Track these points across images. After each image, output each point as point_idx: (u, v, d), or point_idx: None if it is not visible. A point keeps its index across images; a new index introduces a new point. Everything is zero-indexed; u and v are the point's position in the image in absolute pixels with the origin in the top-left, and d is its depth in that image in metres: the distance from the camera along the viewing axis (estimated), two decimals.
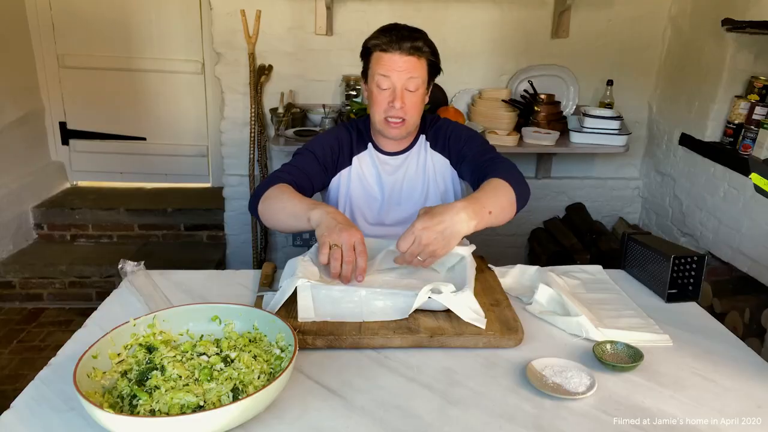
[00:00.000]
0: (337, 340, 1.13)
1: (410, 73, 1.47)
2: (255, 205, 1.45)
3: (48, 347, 2.71)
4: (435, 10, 2.92)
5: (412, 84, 1.48)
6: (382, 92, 1.49)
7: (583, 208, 3.24)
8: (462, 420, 0.95)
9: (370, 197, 1.65)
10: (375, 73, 1.49)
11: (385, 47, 1.46)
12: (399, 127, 1.53)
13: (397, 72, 1.46)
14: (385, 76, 1.47)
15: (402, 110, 1.49)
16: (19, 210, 3.24)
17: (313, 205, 1.32)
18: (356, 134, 1.65)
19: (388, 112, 1.50)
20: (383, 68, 1.47)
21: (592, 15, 2.97)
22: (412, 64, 1.46)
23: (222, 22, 2.87)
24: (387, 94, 1.49)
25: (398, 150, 1.64)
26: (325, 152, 1.59)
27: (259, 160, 2.99)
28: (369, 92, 1.54)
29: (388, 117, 1.51)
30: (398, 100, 1.47)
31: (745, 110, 2.46)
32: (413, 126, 1.57)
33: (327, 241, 1.22)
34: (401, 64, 1.46)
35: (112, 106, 3.61)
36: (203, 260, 3.24)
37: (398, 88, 1.47)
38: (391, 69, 1.46)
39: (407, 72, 1.46)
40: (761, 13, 2.32)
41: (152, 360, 0.98)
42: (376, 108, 1.52)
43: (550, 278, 1.37)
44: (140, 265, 1.40)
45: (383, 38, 1.46)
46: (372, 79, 1.51)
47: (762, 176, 1.20)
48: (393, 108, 1.48)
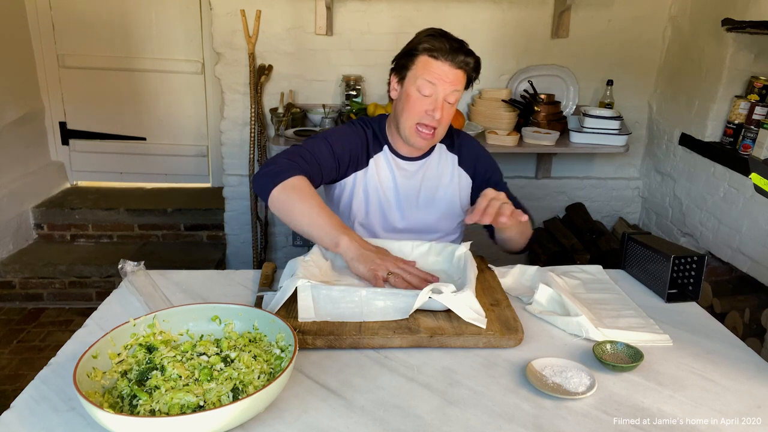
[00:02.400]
0: (337, 340, 1.13)
1: (455, 86, 1.44)
2: (268, 187, 1.37)
3: (48, 347, 2.71)
4: (435, 10, 2.92)
5: (453, 97, 1.45)
6: (422, 98, 1.44)
7: (583, 208, 3.24)
8: (462, 420, 0.95)
9: (385, 201, 1.60)
10: (419, 77, 1.43)
11: (437, 55, 1.41)
12: (429, 139, 1.49)
13: (444, 83, 1.42)
14: (431, 83, 1.42)
15: (437, 120, 1.45)
16: (19, 210, 3.24)
17: (341, 229, 1.34)
18: (372, 133, 1.59)
19: (423, 119, 1.46)
20: (431, 75, 1.42)
21: (592, 15, 2.97)
22: (459, 78, 1.44)
23: (222, 22, 2.87)
24: (427, 102, 1.44)
25: (416, 156, 1.59)
26: (343, 149, 1.52)
27: (259, 160, 2.99)
28: (405, 94, 1.47)
29: (421, 124, 1.46)
30: (438, 110, 1.43)
31: (745, 110, 2.46)
32: (440, 138, 1.54)
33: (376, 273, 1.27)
34: (450, 76, 1.42)
35: (112, 106, 3.61)
36: (203, 260, 3.24)
37: (440, 99, 1.44)
38: (439, 78, 1.42)
39: (453, 85, 1.43)
40: (761, 13, 2.32)
41: (152, 360, 0.98)
42: (409, 112, 1.47)
43: (550, 278, 1.37)
44: (140, 265, 1.40)
45: (436, 44, 1.41)
46: (412, 81, 1.45)
47: (762, 176, 1.20)
48: (431, 117, 1.44)
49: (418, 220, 1.61)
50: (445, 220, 1.63)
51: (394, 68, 1.52)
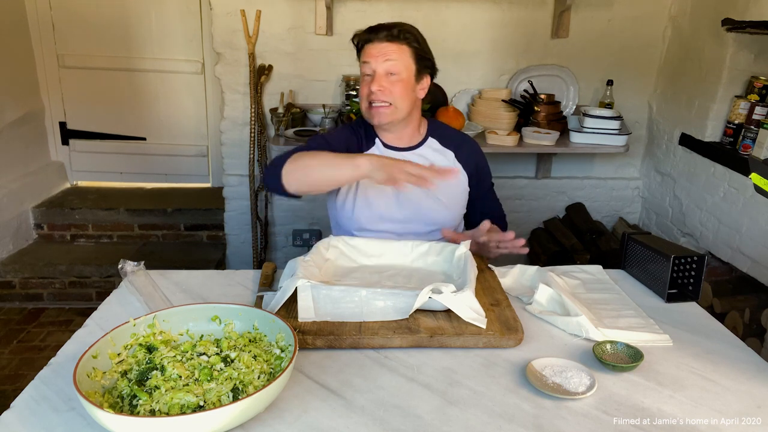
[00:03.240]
0: (337, 340, 1.13)
1: (387, 56, 1.52)
2: (278, 168, 1.41)
3: (48, 347, 2.71)
4: (435, 9, 2.92)
5: (392, 67, 1.52)
6: (364, 80, 1.56)
7: (583, 208, 3.24)
8: (462, 420, 0.95)
9: (381, 193, 1.62)
10: (361, 65, 1.56)
11: (366, 38, 1.55)
12: (383, 111, 1.54)
13: (374, 57, 1.52)
14: (366, 62, 1.54)
15: (382, 93, 1.52)
16: (19, 210, 3.24)
17: (354, 155, 1.40)
18: (363, 131, 1.66)
19: (369, 96, 1.54)
20: (364, 56, 1.55)
21: (592, 15, 2.97)
22: (390, 48, 1.52)
23: (222, 22, 2.87)
24: (368, 81, 1.54)
25: (404, 146, 1.64)
26: (340, 148, 1.56)
27: (259, 160, 2.99)
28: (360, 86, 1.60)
29: (372, 102, 1.54)
30: (375, 83, 1.52)
31: (745, 110, 2.46)
32: (402, 113, 1.56)
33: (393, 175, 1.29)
34: (378, 50, 1.52)
35: (112, 106, 3.61)
36: (203, 260, 3.24)
37: (378, 73, 1.52)
38: (369, 55, 1.53)
39: (384, 56, 1.52)
40: (761, 13, 2.32)
41: (152, 360, 0.98)
42: (361, 96, 1.58)
43: (550, 278, 1.37)
44: (140, 265, 1.41)
45: (364, 32, 1.55)
46: (360, 71, 1.57)
47: (762, 176, 1.20)
48: (372, 92, 1.53)
49: (416, 210, 1.62)
50: (444, 211, 1.64)
51: None
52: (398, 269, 1.42)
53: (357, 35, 1.58)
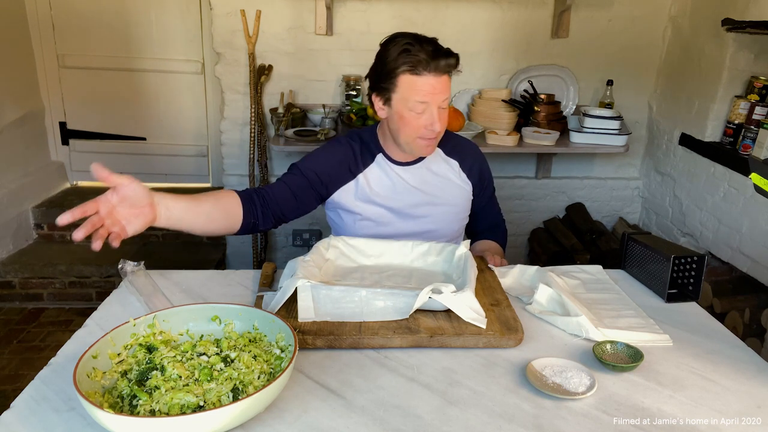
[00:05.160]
0: (337, 340, 1.13)
1: (445, 94, 1.39)
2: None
3: (48, 347, 2.71)
4: (435, 9, 2.92)
5: (445, 102, 1.41)
6: (417, 116, 1.39)
7: (583, 208, 3.24)
8: (462, 420, 0.95)
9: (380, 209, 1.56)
10: (408, 99, 1.37)
11: (419, 70, 1.34)
12: (433, 144, 1.47)
13: (435, 95, 1.36)
14: (423, 102, 1.36)
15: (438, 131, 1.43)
16: (19, 210, 3.24)
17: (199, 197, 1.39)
18: (360, 147, 1.56)
19: (423, 134, 1.42)
20: (420, 95, 1.35)
21: (592, 15, 2.97)
22: (446, 82, 1.38)
23: (222, 22, 2.87)
24: (423, 119, 1.39)
25: (411, 160, 1.57)
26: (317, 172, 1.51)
27: (259, 160, 2.99)
28: (397, 116, 1.42)
29: (424, 137, 1.43)
30: (437, 123, 1.39)
31: (745, 110, 2.46)
32: (440, 137, 1.50)
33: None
34: (439, 86, 1.36)
35: (112, 106, 3.61)
36: (203, 260, 3.24)
37: (435, 110, 1.39)
38: (428, 94, 1.35)
39: (443, 93, 1.38)
40: (761, 13, 2.32)
41: (152, 360, 0.98)
42: (408, 130, 1.42)
43: (550, 278, 1.37)
44: (140, 265, 1.41)
45: (413, 58, 1.33)
46: (402, 104, 1.39)
47: (762, 176, 1.20)
48: (431, 131, 1.41)
49: (419, 224, 1.59)
50: (447, 224, 1.62)
51: (375, 89, 1.45)
52: (398, 269, 1.42)
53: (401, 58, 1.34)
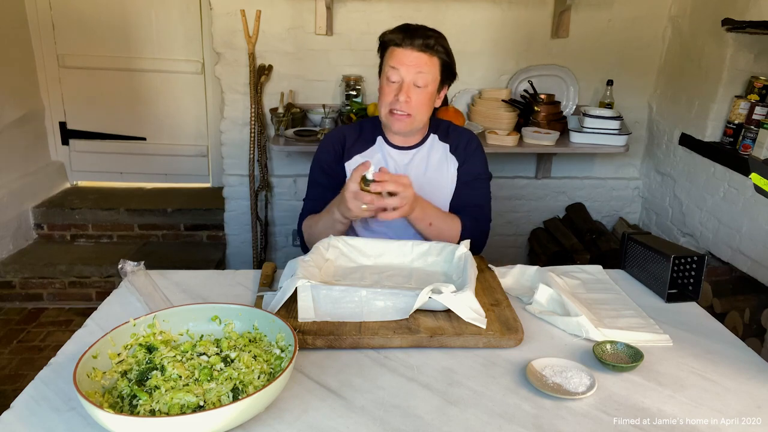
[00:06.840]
0: (337, 340, 1.13)
1: (419, 68, 1.50)
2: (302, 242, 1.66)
3: (48, 347, 2.71)
4: (435, 10, 2.92)
5: (420, 80, 1.51)
6: (390, 85, 1.53)
7: (583, 208, 3.24)
8: (461, 420, 0.95)
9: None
10: (386, 66, 1.53)
11: (399, 42, 1.51)
12: (403, 121, 1.55)
13: (406, 66, 1.50)
14: (395, 68, 1.51)
15: (407, 104, 1.52)
16: (19, 210, 3.24)
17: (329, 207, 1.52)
18: (359, 131, 1.68)
19: (393, 104, 1.53)
20: (394, 61, 1.51)
21: (592, 15, 2.97)
22: (423, 60, 1.50)
23: (222, 22, 2.87)
24: (394, 87, 1.52)
25: (407, 145, 1.66)
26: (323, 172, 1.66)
27: (259, 160, 2.99)
28: (379, 85, 1.58)
29: (393, 109, 1.54)
30: (403, 93, 1.51)
31: (745, 110, 2.46)
32: (420, 123, 1.59)
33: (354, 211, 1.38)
34: (411, 59, 1.49)
35: (112, 106, 3.61)
36: (203, 260, 3.24)
37: (406, 82, 1.51)
38: (400, 63, 1.50)
39: (416, 67, 1.50)
40: (761, 13, 2.32)
41: (152, 360, 0.98)
42: (382, 100, 1.56)
43: (550, 278, 1.37)
44: (140, 265, 1.41)
45: (398, 34, 1.51)
46: (384, 72, 1.55)
47: (762, 176, 1.20)
48: (398, 101, 1.51)
49: None
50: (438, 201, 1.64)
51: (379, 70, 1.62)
52: (398, 269, 1.42)
53: (389, 34, 1.54)
